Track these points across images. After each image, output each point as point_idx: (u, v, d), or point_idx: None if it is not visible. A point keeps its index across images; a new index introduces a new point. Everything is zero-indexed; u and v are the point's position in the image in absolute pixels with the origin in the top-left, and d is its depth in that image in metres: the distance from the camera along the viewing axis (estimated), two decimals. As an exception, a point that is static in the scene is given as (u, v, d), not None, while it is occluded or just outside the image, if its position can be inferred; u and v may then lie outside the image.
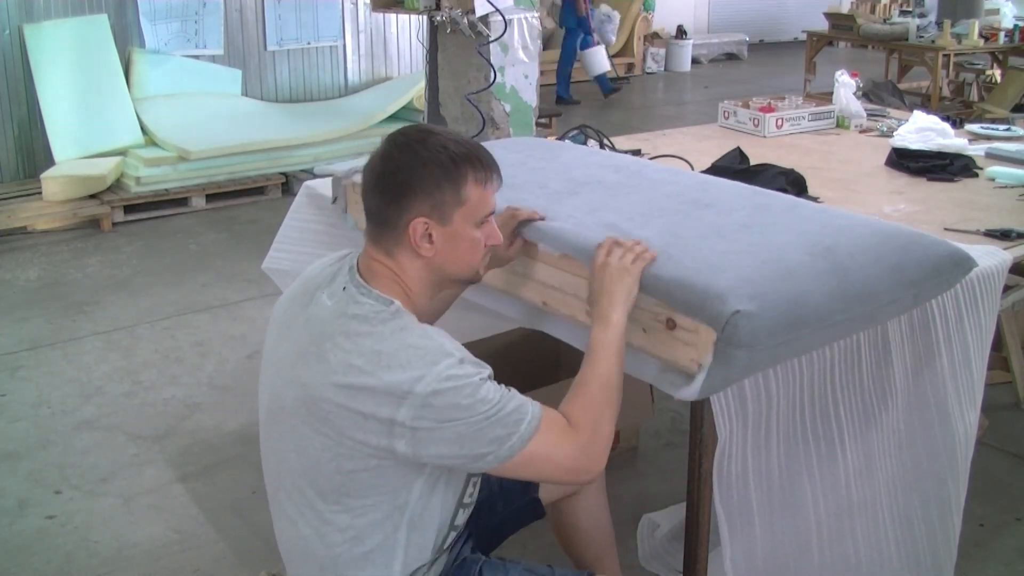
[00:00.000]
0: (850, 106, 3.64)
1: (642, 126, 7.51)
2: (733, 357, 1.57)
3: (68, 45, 5.76)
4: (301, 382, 1.53)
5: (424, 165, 1.55)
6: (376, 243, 1.60)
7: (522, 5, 3.59)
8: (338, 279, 1.62)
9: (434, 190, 1.55)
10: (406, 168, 1.55)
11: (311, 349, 1.53)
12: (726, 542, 1.75)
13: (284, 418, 1.58)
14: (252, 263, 4.42)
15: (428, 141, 1.57)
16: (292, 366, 1.56)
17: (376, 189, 1.58)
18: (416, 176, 1.54)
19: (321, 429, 1.51)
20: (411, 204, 1.55)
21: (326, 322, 1.54)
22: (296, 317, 1.63)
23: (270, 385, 1.65)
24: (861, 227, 1.90)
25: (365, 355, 1.47)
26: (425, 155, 1.55)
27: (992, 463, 3.01)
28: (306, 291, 1.66)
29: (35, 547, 2.64)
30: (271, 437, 1.65)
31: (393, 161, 1.57)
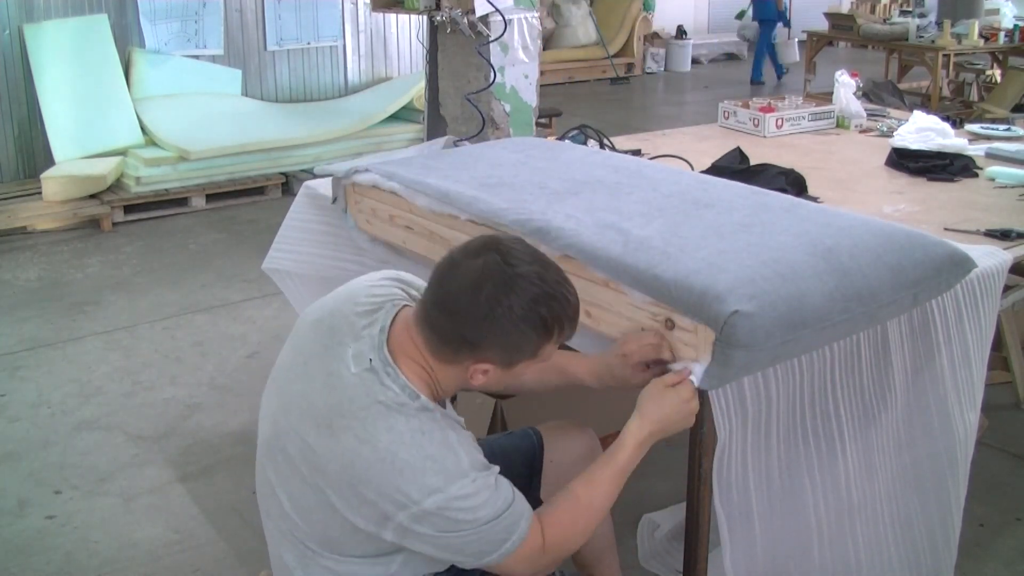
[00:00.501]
0: (850, 106, 3.64)
1: (642, 126, 7.51)
2: (732, 357, 1.57)
3: (68, 45, 5.76)
4: (308, 443, 1.51)
5: (516, 329, 1.45)
6: (425, 343, 1.51)
7: (522, 5, 3.59)
8: (366, 340, 1.54)
9: (515, 351, 1.49)
10: (496, 321, 1.45)
11: (324, 416, 1.50)
12: (726, 542, 1.75)
13: (282, 460, 1.57)
14: (252, 263, 4.42)
15: (523, 293, 1.45)
16: (301, 417, 1.54)
17: (454, 315, 1.47)
18: (503, 334, 1.46)
19: (317, 493, 1.51)
20: (485, 352, 1.48)
21: (346, 395, 1.49)
22: (316, 358, 1.57)
23: (274, 416, 1.61)
24: (861, 227, 1.90)
25: (380, 452, 1.44)
26: (519, 316, 1.45)
27: (992, 463, 3.01)
28: (332, 331, 1.58)
29: (35, 547, 2.64)
30: (267, 467, 1.63)
31: (480, 302, 1.44)
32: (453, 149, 2.90)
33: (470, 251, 1.49)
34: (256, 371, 3.68)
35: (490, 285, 1.44)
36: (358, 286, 1.66)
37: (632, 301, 1.74)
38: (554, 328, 1.49)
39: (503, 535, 1.49)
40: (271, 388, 1.68)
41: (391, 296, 1.63)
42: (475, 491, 1.45)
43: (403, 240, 2.33)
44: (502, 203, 2.06)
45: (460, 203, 2.11)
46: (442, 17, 3.62)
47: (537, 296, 1.46)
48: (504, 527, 1.49)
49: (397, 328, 1.55)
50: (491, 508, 1.47)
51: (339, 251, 2.65)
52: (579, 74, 10.60)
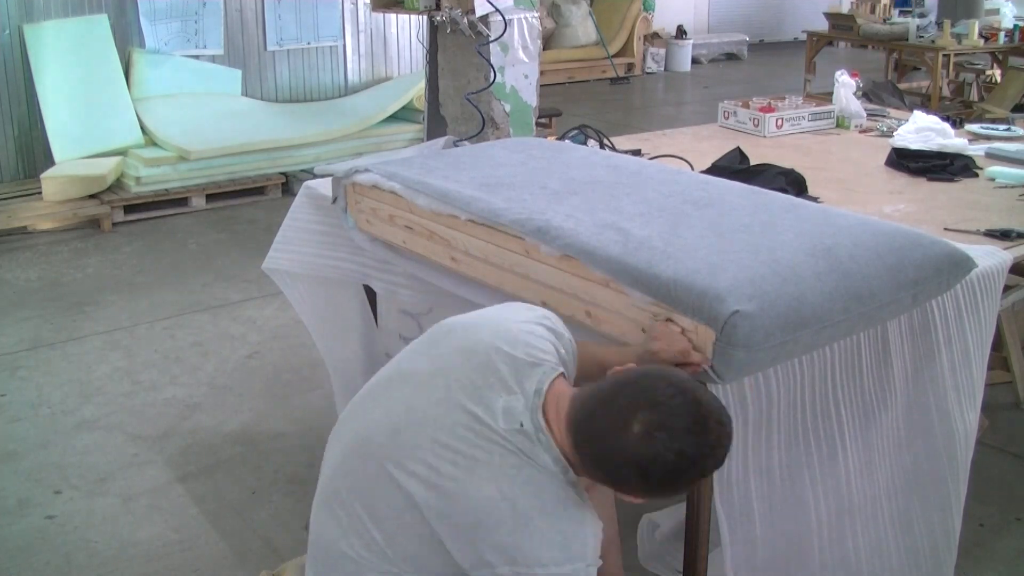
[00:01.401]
0: (850, 106, 3.64)
1: (642, 126, 7.51)
2: (732, 357, 1.57)
3: (68, 45, 5.76)
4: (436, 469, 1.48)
5: (674, 487, 1.49)
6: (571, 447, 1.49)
7: (522, 5, 3.59)
8: (519, 398, 1.50)
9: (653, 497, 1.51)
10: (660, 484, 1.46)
11: (466, 457, 1.47)
12: (726, 542, 1.75)
13: (388, 471, 1.52)
14: (252, 263, 4.42)
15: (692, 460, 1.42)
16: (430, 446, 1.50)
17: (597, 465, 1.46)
18: (662, 491, 1.50)
19: (431, 517, 1.48)
20: (624, 485, 1.48)
21: (492, 446, 1.47)
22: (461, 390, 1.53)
23: (396, 424, 1.56)
24: (861, 227, 1.90)
25: (517, 512, 1.44)
26: (681, 479, 1.45)
27: (992, 463, 3.01)
28: (484, 370, 1.54)
29: (35, 547, 2.64)
30: (365, 464, 1.57)
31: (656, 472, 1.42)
32: (453, 149, 2.91)
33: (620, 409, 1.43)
34: (256, 371, 3.68)
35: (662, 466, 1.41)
36: (515, 326, 1.61)
37: (632, 301, 1.74)
38: (685, 487, 1.53)
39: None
40: (391, 391, 1.62)
41: (549, 357, 1.58)
42: None
43: (403, 240, 2.33)
44: (502, 203, 2.06)
45: (460, 203, 2.11)
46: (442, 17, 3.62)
47: (694, 458, 1.42)
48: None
49: (550, 398, 1.51)
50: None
51: (339, 251, 2.65)
52: (579, 74, 10.59)
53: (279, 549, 2.60)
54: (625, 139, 3.43)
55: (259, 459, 3.07)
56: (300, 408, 3.39)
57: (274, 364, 3.73)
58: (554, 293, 1.90)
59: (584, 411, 1.46)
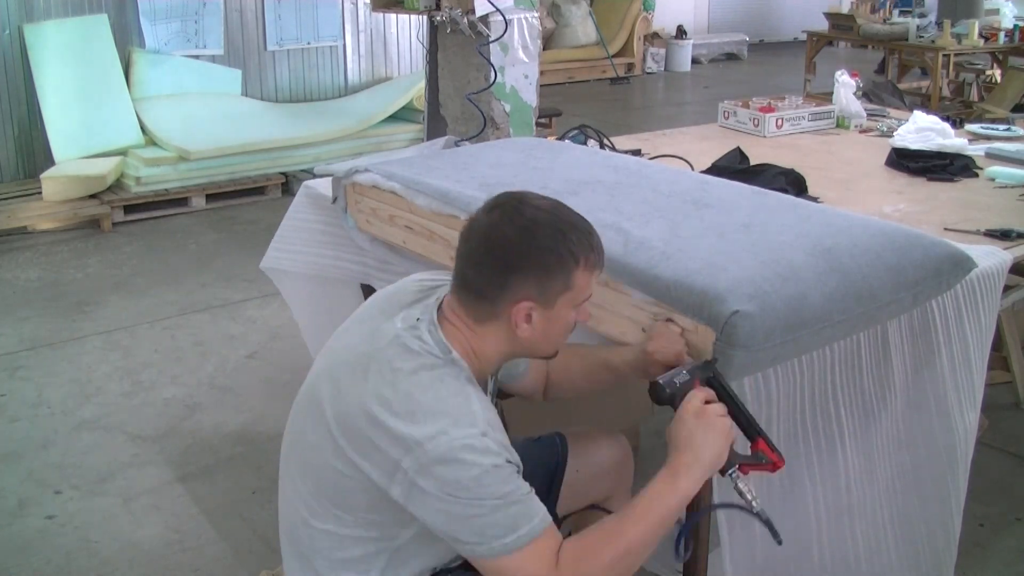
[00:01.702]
0: (850, 106, 3.64)
1: (642, 126, 7.51)
2: (732, 357, 1.57)
3: (68, 45, 5.76)
4: (340, 387, 1.54)
5: (539, 249, 1.49)
6: (464, 307, 1.55)
7: (522, 5, 3.59)
8: (418, 306, 1.59)
9: (545, 275, 1.49)
10: (519, 248, 1.49)
11: (361, 361, 1.53)
12: (726, 542, 1.75)
13: (314, 407, 1.58)
14: (252, 263, 4.40)
15: (540, 220, 1.51)
16: (339, 364, 1.58)
17: (480, 263, 1.52)
18: (529, 259, 1.49)
19: (338, 438, 1.51)
20: (518, 286, 1.49)
21: (386, 342, 1.53)
22: (372, 319, 1.62)
23: (317, 369, 1.65)
24: (861, 227, 1.90)
25: (399, 393, 1.46)
26: (540, 238, 1.49)
27: (992, 463, 3.01)
28: (389, 301, 1.64)
29: (35, 547, 2.64)
30: (299, 415, 1.65)
31: (504, 237, 1.50)
32: (453, 149, 2.91)
33: (485, 207, 1.56)
34: (256, 371, 3.68)
35: (508, 225, 1.50)
36: (422, 275, 1.73)
37: (632, 301, 1.74)
38: (579, 254, 1.51)
39: (510, 522, 1.41)
40: (320, 353, 1.69)
41: (446, 281, 1.66)
42: (483, 448, 1.41)
43: (403, 240, 2.33)
44: (502, 203, 2.05)
45: (460, 203, 2.11)
46: (442, 17, 3.62)
47: (554, 225, 1.51)
48: (514, 512, 1.41)
49: (444, 307, 1.59)
50: (499, 479, 1.41)
51: (339, 251, 2.65)
52: (579, 74, 10.59)
53: (279, 549, 2.59)
54: (625, 139, 3.43)
55: (259, 459, 3.07)
56: (300, 408, 3.39)
57: (274, 364, 3.73)
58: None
59: (462, 260, 1.55)
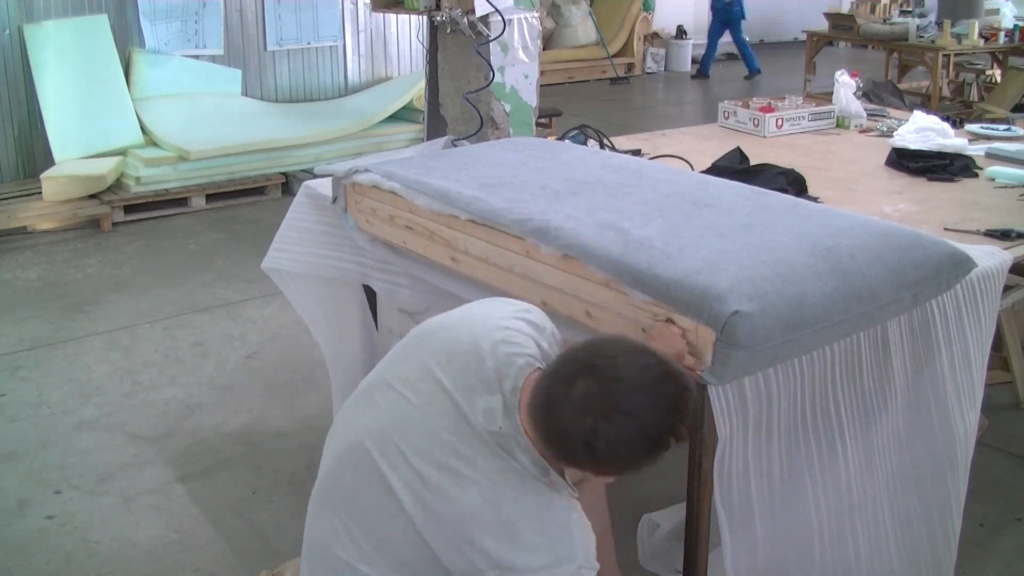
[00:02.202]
0: (850, 106, 3.64)
1: (642, 126, 7.50)
2: (732, 357, 1.57)
3: (68, 45, 5.76)
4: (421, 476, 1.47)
5: (625, 457, 1.39)
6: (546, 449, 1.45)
7: (522, 5, 3.59)
8: (498, 398, 1.48)
9: (631, 468, 1.44)
10: (603, 454, 1.38)
11: (450, 462, 1.46)
12: (726, 542, 1.75)
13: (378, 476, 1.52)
14: (252, 263, 4.41)
15: (627, 426, 1.35)
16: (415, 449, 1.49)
17: (564, 445, 1.41)
18: (612, 462, 1.41)
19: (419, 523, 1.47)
20: (601, 472, 1.46)
21: (477, 450, 1.46)
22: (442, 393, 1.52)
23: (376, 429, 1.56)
24: (861, 227, 1.90)
25: (501, 519, 1.43)
26: (624, 448, 1.38)
27: (992, 463, 3.01)
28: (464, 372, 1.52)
29: (35, 547, 2.64)
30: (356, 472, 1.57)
31: (586, 438, 1.37)
32: (453, 149, 2.90)
33: (566, 378, 1.39)
34: (256, 371, 3.68)
35: (590, 420, 1.35)
36: (493, 323, 1.58)
37: (632, 301, 1.74)
38: (669, 442, 1.42)
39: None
40: (375, 396, 1.61)
41: (526, 349, 1.56)
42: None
43: (403, 240, 2.33)
44: (502, 203, 2.06)
45: (460, 203, 2.11)
46: (442, 17, 3.62)
47: (644, 427, 1.37)
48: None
49: (526, 394, 1.48)
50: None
51: (339, 251, 2.65)
52: (579, 74, 10.59)
53: (279, 549, 2.60)
54: (625, 139, 3.43)
55: (259, 459, 3.07)
56: (300, 408, 3.39)
57: (274, 364, 3.73)
58: (554, 293, 1.90)
59: (536, 388, 1.43)
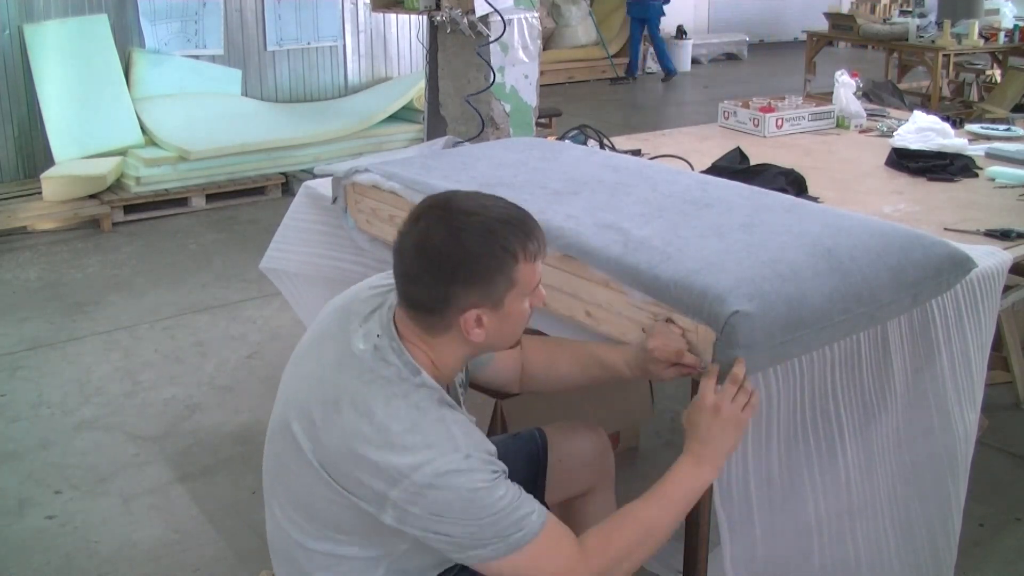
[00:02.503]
0: (850, 106, 3.64)
1: (642, 126, 7.51)
2: (731, 357, 1.57)
3: (68, 45, 5.76)
4: (314, 420, 1.51)
5: (472, 256, 1.43)
6: (415, 322, 1.51)
7: (522, 5, 3.59)
8: (375, 319, 1.55)
9: (485, 280, 1.45)
10: (452, 258, 1.43)
11: (332, 393, 1.50)
12: (726, 542, 1.75)
13: (290, 438, 1.56)
14: (252, 263, 4.41)
15: (469, 225, 1.44)
16: (309, 395, 1.54)
17: (418, 278, 1.46)
18: (465, 268, 1.43)
19: (321, 472, 1.50)
20: (461, 296, 1.45)
21: (351, 371, 1.50)
22: (329, 339, 1.58)
23: (285, 397, 1.62)
24: (861, 227, 1.90)
25: (376, 426, 1.44)
26: (471, 244, 1.43)
27: (992, 463, 3.01)
28: (346, 313, 1.60)
29: (35, 547, 2.64)
30: (275, 444, 1.64)
31: (435, 249, 1.44)
32: (453, 149, 2.90)
33: (411, 217, 1.50)
34: (256, 371, 3.68)
35: (437, 235, 1.44)
36: (369, 281, 1.69)
37: (632, 301, 1.74)
38: (516, 249, 1.46)
39: (511, 524, 1.42)
40: (287, 373, 1.67)
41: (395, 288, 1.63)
42: (468, 468, 1.40)
43: (403, 240, 2.32)
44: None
45: (460, 203, 2.10)
46: (442, 17, 3.62)
47: (484, 225, 1.45)
48: (513, 517, 1.42)
49: (399, 318, 1.55)
50: (489, 493, 1.41)
51: (338, 251, 2.65)
52: (579, 74, 10.60)
53: (279, 549, 2.60)
54: (625, 139, 3.43)
55: (259, 459, 3.03)
56: (300, 408, 3.39)
57: (274, 364, 3.73)
58: (554, 293, 1.90)
59: (400, 276, 1.51)
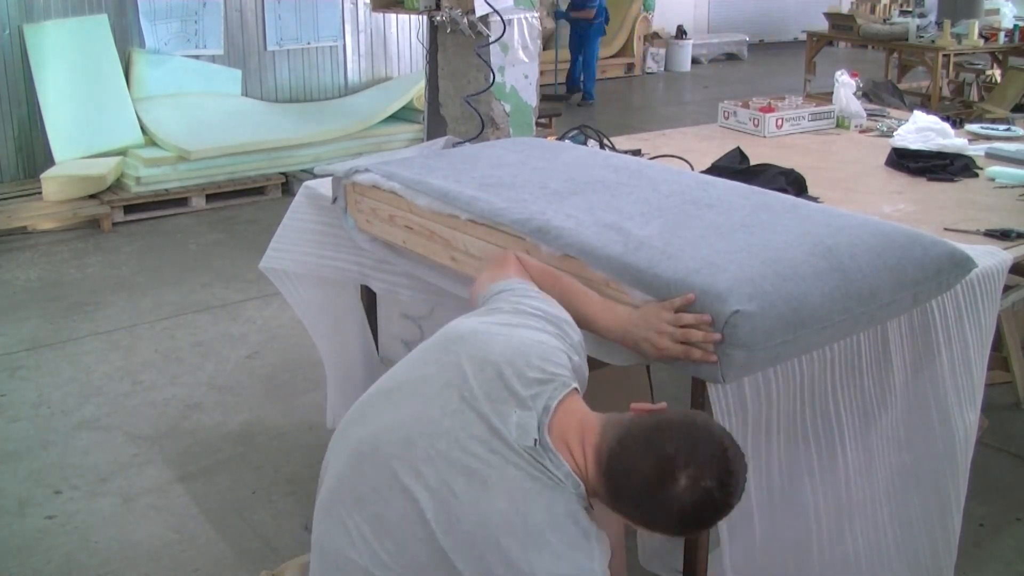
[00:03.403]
0: (850, 106, 3.64)
1: (642, 126, 7.51)
2: (732, 357, 1.57)
3: (68, 45, 5.76)
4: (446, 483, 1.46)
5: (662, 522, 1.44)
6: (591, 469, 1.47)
7: (522, 5, 3.59)
8: (532, 411, 1.48)
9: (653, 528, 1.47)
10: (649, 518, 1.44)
11: (480, 471, 1.45)
12: (726, 542, 1.75)
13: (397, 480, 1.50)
14: (252, 263, 4.40)
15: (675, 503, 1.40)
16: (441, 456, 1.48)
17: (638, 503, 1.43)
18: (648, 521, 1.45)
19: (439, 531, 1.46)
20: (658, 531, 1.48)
21: (507, 459, 1.46)
22: (474, 401, 1.51)
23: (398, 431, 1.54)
24: (861, 227, 1.90)
25: (529, 526, 1.43)
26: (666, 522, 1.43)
27: (992, 463, 3.01)
28: (499, 382, 1.52)
29: (35, 547, 2.64)
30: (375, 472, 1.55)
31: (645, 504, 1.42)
32: (453, 149, 2.90)
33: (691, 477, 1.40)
34: (256, 371, 3.68)
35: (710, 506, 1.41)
36: (531, 342, 1.59)
37: (633, 301, 1.74)
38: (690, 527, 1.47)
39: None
40: (397, 396, 1.60)
41: (561, 372, 1.56)
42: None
43: (403, 240, 2.33)
44: (502, 203, 2.06)
45: (461, 203, 2.11)
46: (442, 17, 3.62)
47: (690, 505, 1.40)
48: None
49: (560, 414, 1.49)
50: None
51: (338, 251, 2.65)
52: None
53: (279, 549, 2.60)
54: (625, 139, 3.43)
55: (259, 459, 3.07)
56: (300, 408, 3.39)
57: (274, 364, 3.74)
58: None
59: (621, 449, 1.44)
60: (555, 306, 1.70)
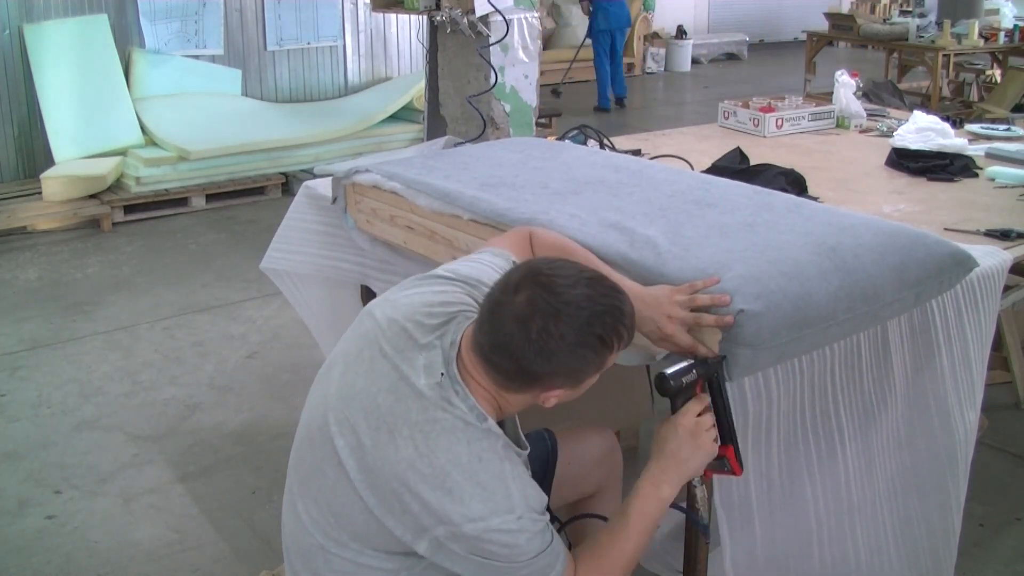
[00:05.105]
0: (850, 106, 3.63)
1: (642, 126, 7.51)
2: (737, 356, 1.57)
3: (68, 45, 5.76)
4: (362, 440, 1.51)
5: (572, 352, 1.43)
6: (489, 376, 1.49)
7: (522, 5, 3.59)
8: (437, 352, 1.52)
9: (578, 373, 1.47)
10: (549, 353, 1.42)
11: (387, 419, 1.49)
12: (726, 542, 1.75)
13: (330, 450, 1.55)
14: (252, 263, 4.41)
15: (571, 319, 1.41)
16: (361, 414, 1.53)
17: (509, 354, 1.44)
18: (561, 362, 1.44)
19: (360, 491, 1.50)
20: (550, 382, 1.47)
21: (413, 404, 1.49)
22: (384, 358, 1.55)
23: (329, 404, 1.59)
24: (864, 227, 1.90)
25: (435, 468, 1.44)
26: (572, 340, 1.42)
27: (992, 463, 3.01)
28: (404, 334, 1.56)
29: (35, 547, 2.64)
30: (311, 449, 1.61)
31: (533, 340, 1.42)
32: (453, 149, 2.90)
33: (511, 287, 1.45)
34: (256, 371, 3.68)
35: (538, 319, 1.41)
36: (431, 297, 1.62)
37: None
38: (612, 342, 1.46)
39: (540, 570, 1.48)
40: (329, 374, 1.64)
41: (463, 305, 1.60)
42: (518, 528, 1.44)
43: (404, 240, 2.33)
44: (504, 203, 2.06)
45: (462, 203, 2.11)
46: (442, 17, 3.62)
47: (588, 318, 1.43)
48: (543, 564, 1.48)
49: (466, 344, 1.52)
50: (528, 549, 1.46)
51: (338, 251, 2.65)
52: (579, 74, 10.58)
53: (279, 549, 2.58)
54: (625, 139, 3.43)
55: (259, 459, 3.07)
56: (300, 408, 3.37)
57: (274, 364, 3.74)
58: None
59: (489, 345, 1.47)
60: (482, 270, 1.70)
